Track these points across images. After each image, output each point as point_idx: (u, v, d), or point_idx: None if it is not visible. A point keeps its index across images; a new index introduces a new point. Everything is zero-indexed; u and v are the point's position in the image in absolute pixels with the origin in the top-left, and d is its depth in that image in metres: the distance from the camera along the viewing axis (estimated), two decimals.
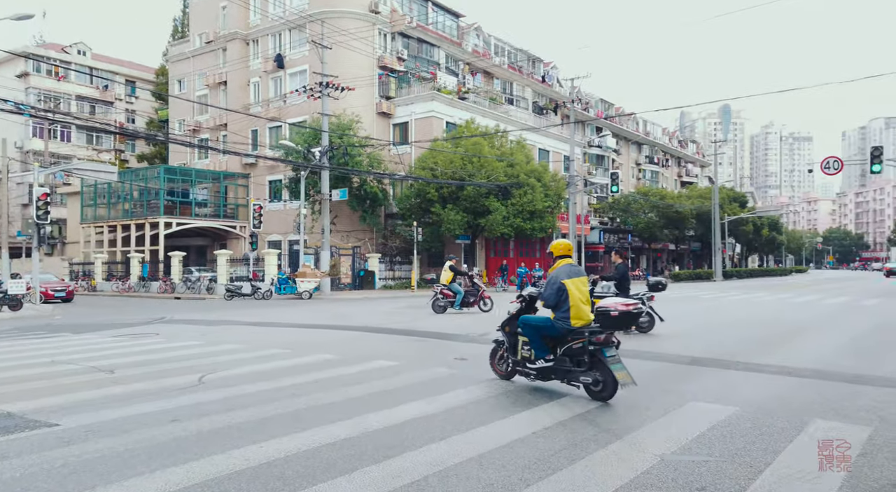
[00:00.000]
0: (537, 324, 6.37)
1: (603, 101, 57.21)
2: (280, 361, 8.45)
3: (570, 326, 6.07)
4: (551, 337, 6.28)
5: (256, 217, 28.81)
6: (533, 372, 6.36)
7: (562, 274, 6.25)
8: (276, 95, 37.71)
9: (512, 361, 6.72)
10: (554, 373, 6.23)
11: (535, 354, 6.31)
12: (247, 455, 4.30)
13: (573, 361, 6.09)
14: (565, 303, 6.11)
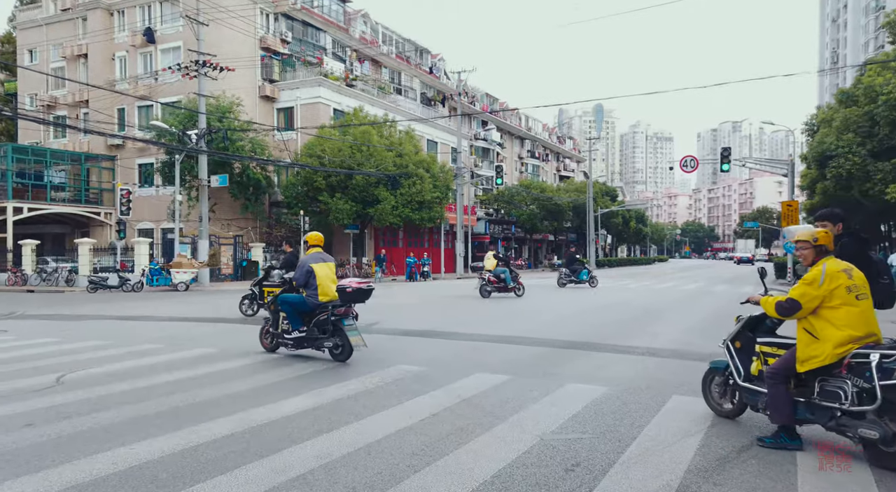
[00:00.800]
0: (293, 301, 7.73)
1: (488, 96, 58.73)
2: (153, 357, 7.91)
3: (318, 301, 7.58)
4: (304, 311, 7.74)
5: (124, 203, 26.59)
6: (290, 342, 7.77)
7: (310, 259, 7.70)
8: (146, 72, 34.89)
9: (273, 333, 8.02)
10: (306, 341, 7.67)
11: (292, 326, 7.72)
12: (115, 459, 4.00)
13: (320, 331, 7.55)
14: (313, 283, 7.58)
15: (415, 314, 13.53)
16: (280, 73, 34.89)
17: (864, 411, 3.84)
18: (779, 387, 4.24)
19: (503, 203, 51.29)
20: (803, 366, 4.13)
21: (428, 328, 10.77)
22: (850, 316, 4.02)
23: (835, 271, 4.11)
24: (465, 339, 9.52)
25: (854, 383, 3.90)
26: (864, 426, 3.84)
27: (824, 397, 4.06)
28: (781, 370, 4.26)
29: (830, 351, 4.00)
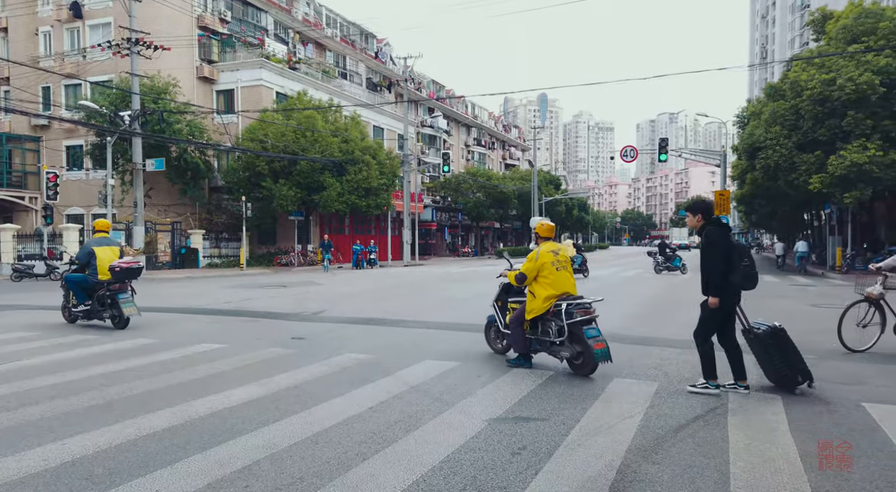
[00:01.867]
0: (76, 279, 9.43)
1: (435, 83, 58.50)
2: (86, 348, 7.56)
3: (97, 279, 9.22)
4: (87, 288, 9.38)
5: (51, 187, 25.16)
6: (80, 314, 9.46)
7: (93, 243, 9.42)
8: (73, 49, 32.93)
9: (65, 307, 9.72)
10: (91, 313, 9.32)
11: (78, 300, 9.47)
12: (45, 455, 3.81)
13: (100, 304, 9.25)
14: (94, 263, 9.23)
15: (360, 302, 13.43)
16: (219, 53, 33.63)
17: (562, 340, 6.10)
18: (517, 329, 6.47)
19: (450, 191, 51.42)
20: (529, 315, 6.29)
21: (376, 316, 10.72)
22: (553, 281, 6.20)
23: (545, 252, 6.30)
24: (413, 326, 9.53)
25: (556, 324, 6.13)
26: (563, 350, 6.19)
27: (543, 334, 6.31)
28: (517, 318, 6.47)
29: (541, 304, 6.17)
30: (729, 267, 5.19)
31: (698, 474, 3.54)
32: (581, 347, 6.11)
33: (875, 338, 7.42)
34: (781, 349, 5.42)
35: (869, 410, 4.87)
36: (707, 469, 3.62)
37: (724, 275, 5.19)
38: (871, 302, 7.47)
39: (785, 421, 4.54)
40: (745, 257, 5.28)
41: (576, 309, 6.10)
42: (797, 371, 5.37)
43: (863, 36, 22.50)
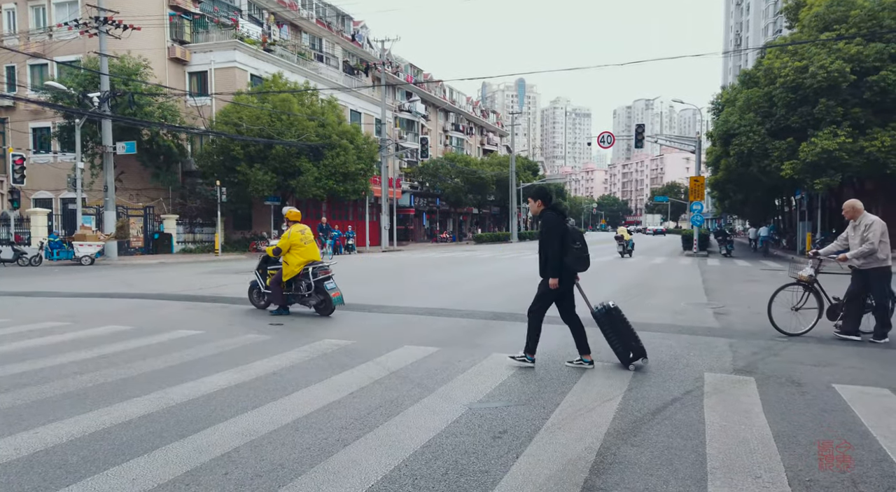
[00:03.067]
0: None
1: (413, 67, 57.96)
2: (58, 336, 7.39)
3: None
4: None
5: (17, 170, 24.39)
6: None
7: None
8: (39, 28, 31.85)
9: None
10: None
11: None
12: (17, 444, 3.72)
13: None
14: None
15: (340, 288, 13.33)
16: (191, 34, 32.83)
17: (310, 293, 8.91)
18: (276, 288, 9.04)
19: (428, 176, 51.24)
20: (286, 277, 8.95)
21: (353, 302, 10.66)
22: (303, 252, 8.91)
23: (295, 232, 8.96)
24: (392, 311, 9.51)
25: (306, 282, 8.91)
26: (311, 300, 8.94)
27: (296, 290, 9.05)
28: (276, 280, 9.03)
29: (294, 268, 8.89)
30: (563, 250, 5.59)
31: (676, 456, 3.60)
32: (323, 296, 8.94)
33: (812, 322, 7.41)
34: (615, 327, 5.83)
35: (839, 391, 5.00)
36: (684, 451, 3.69)
37: (560, 257, 5.59)
38: (805, 286, 7.47)
39: (759, 403, 4.64)
40: (577, 241, 5.66)
41: (319, 270, 8.94)
42: (629, 348, 5.78)
43: (835, 24, 22.82)
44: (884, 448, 3.73)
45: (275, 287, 9.07)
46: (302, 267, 8.88)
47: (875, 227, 7.06)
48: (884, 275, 7.11)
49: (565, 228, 5.68)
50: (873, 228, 7.05)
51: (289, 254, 8.89)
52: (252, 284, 9.77)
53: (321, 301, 8.91)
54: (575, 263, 5.68)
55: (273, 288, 9.10)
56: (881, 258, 7.05)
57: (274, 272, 9.20)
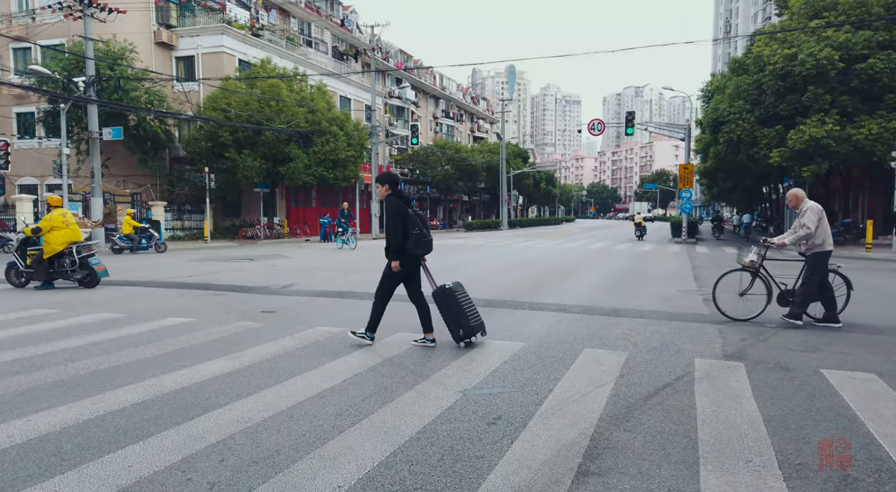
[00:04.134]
0: None
1: (403, 53, 57.52)
2: (47, 323, 7.33)
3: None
4: None
5: (2, 156, 24.01)
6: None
7: None
8: (21, 10, 31.20)
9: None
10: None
11: None
12: (10, 432, 3.70)
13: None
14: None
15: (332, 275, 13.33)
16: (178, 18, 32.32)
17: (75, 268, 10.59)
18: (39, 265, 10.36)
19: (418, 163, 51.07)
20: (46, 255, 10.30)
21: (346, 289, 10.66)
22: (64, 233, 10.37)
23: (56, 215, 10.48)
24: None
25: (70, 259, 10.45)
26: (76, 274, 10.60)
27: (60, 267, 10.62)
28: (38, 258, 10.40)
29: (56, 247, 10.35)
30: (404, 234, 5.88)
31: (668, 441, 3.65)
32: (88, 271, 10.66)
33: (761, 308, 7.48)
34: (448, 306, 6.12)
35: (827, 376, 5.08)
36: (676, 436, 3.74)
37: (400, 241, 5.87)
38: (751, 272, 7.51)
39: (749, 388, 4.70)
40: (416, 226, 5.92)
41: (83, 249, 10.75)
42: (459, 326, 6.07)
43: (824, 11, 22.87)
44: (871, 432, 3.80)
45: (37, 265, 10.48)
46: (64, 246, 10.54)
47: (809, 212, 7.12)
48: (819, 258, 7.17)
49: (406, 214, 5.92)
50: (808, 214, 7.12)
51: (49, 234, 10.43)
52: (9, 265, 10.91)
53: (86, 275, 10.72)
54: (415, 248, 5.95)
55: (35, 266, 10.49)
56: (817, 243, 7.14)
57: (35, 252, 10.53)
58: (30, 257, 10.53)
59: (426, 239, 5.99)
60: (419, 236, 5.92)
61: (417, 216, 6.02)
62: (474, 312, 6.25)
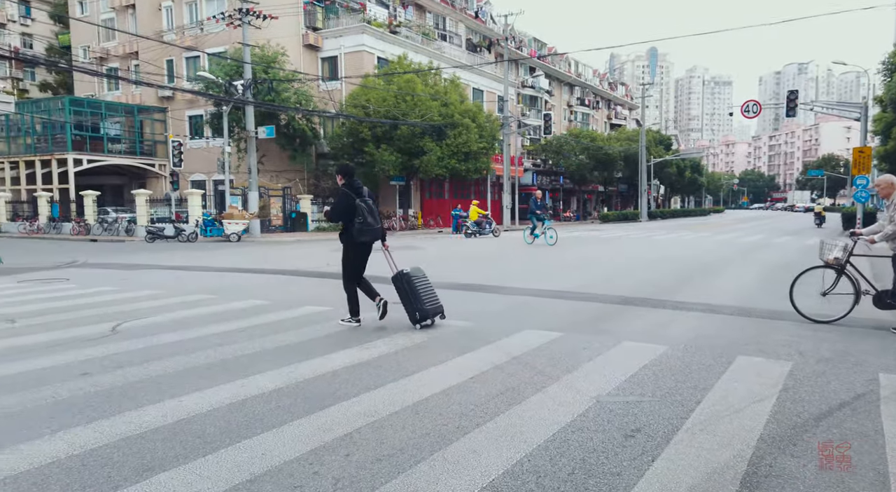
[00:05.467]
0: None
1: (536, 41, 56.54)
2: (204, 308, 8.01)
3: None
4: None
5: (176, 155, 27.09)
6: None
7: None
8: (191, 22, 34.88)
9: None
10: None
11: None
12: (164, 411, 3.98)
13: None
14: None
15: (460, 267, 13.36)
16: (323, 20, 34.28)
17: None
18: None
19: (551, 153, 50.02)
20: None
21: (473, 282, 10.58)
22: None
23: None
24: (513, 293, 9.28)
25: None
26: None
27: None
28: None
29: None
30: (350, 223, 6.51)
31: (849, 473, 3.07)
32: None
33: (847, 308, 6.68)
34: (403, 291, 6.61)
35: None
36: (859, 468, 3.13)
37: (346, 228, 6.57)
38: (835, 269, 6.80)
39: None
40: (361, 215, 6.45)
41: None
42: (415, 309, 6.48)
43: None
44: None
45: None
46: None
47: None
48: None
49: (354, 205, 6.48)
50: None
51: None
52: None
53: None
54: (359, 235, 6.54)
55: None
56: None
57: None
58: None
59: (371, 228, 6.53)
60: (362, 224, 6.47)
61: (366, 206, 6.53)
62: (432, 296, 6.69)
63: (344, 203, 6.53)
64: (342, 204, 6.55)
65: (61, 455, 3.29)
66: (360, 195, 6.61)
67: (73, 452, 3.34)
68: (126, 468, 3.15)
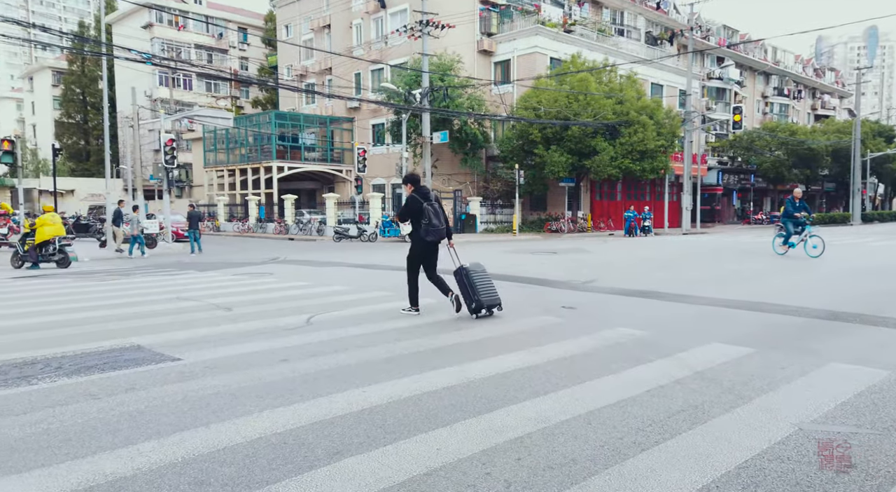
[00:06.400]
0: None
1: (726, 28, 52.04)
2: (383, 304, 8.55)
3: None
4: None
5: (361, 161, 29.36)
6: None
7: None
8: (377, 37, 37.57)
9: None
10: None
11: None
12: (350, 399, 4.30)
13: None
14: None
15: (633, 272, 12.72)
16: (497, 25, 34.88)
17: (52, 254, 14.72)
18: (32, 251, 14.55)
19: (740, 149, 45.63)
20: (37, 240, 14.45)
21: (649, 288, 10.00)
22: (50, 229, 14.45)
23: (46, 216, 14.65)
24: (696, 302, 8.59)
25: (53, 247, 14.73)
26: (54, 257, 14.67)
27: (43, 252, 14.60)
28: (32, 246, 14.59)
29: (44, 236, 14.43)
30: (418, 224, 7.34)
31: None
32: (63, 255, 14.56)
33: None
34: (461, 284, 7.35)
35: None
36: None
37: (415, 229, 7.42)
38: None
39: None
40: (427, 217, 7.26)
41: (62, 240, 14.72)
42: (471, 300, 7.23)
43: None
44: None
45: (31, 251, 14.58)
46: (50, 236, 14.51)
47: None
48: None
49: (421, 208, 7.30)
50: None
51: (41, 228, 14.40)
52: (14, 253, 15.17)
53: (62, 259, 14.65)
54: (426, 235, 7.35)
55: (30, 252, 14.59)
56: None
57: (31, 242, 14.52)
58: (27, 245, 14.59)
59: (436, 228, 7.31)
60: (428, 225, 7.27)
61: (432, 209, 7.32)
62: (489, 290, 7.40)
63: (413, 206, 7.31)
64: (411, 207, 7.32)
65: (267, 432, 3.71)
66: (428, 200, 7.36)
67: (276, 430, 3.74)
68: (319, 450, 3.45)
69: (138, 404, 4.22)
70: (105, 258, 18.32)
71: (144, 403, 4.25)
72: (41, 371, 5.05)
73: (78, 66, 57.66)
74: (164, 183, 23.85)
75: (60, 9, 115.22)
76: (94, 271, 14.17)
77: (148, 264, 16.22)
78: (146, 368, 5.16)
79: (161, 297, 9.46)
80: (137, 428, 3.77)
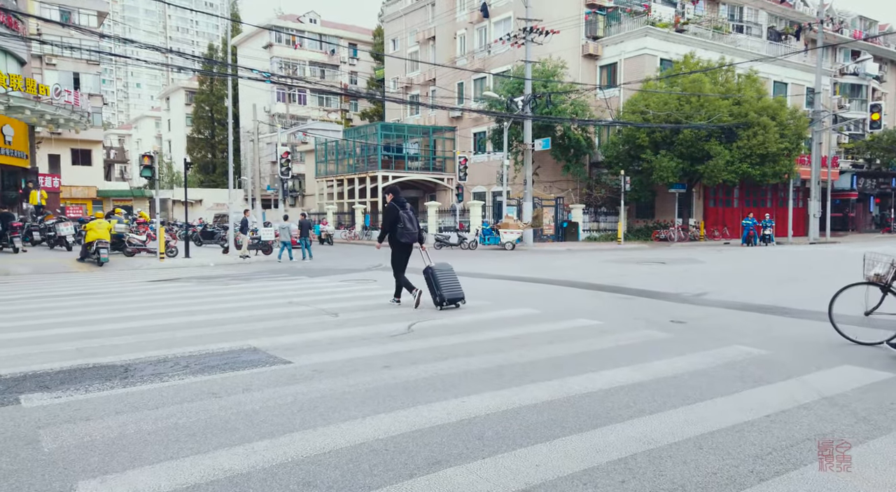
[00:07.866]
0: None
1: (863, 19, 47.46)
2: (482, 314, 8.56)
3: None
4: None
5: (462, 169, 29.67)
6: None
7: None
8: (480, 47, 37.89)
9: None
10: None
11: None
12: (448, 409, 4.33)
13: None
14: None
15: (751, 284, 11.86)
16: (604, 28, 34.05)
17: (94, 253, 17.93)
18: (84, 248, 18.53)
19: (879, 151, 41.36)
20: (87, 239, 18.08)
21: (771, 303, 9.28)
22: (97, 232, 17.60)
23: (95, 222, 18.02)
24: (825, 319, 7.84)
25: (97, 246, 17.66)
26: (96, 255, 17.66)
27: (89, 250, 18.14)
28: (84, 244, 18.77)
29: (92, 237, 17.64)
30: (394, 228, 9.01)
31: None
32: (98, 255, 17.43)
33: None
34: (428, 280, 8.91)
35: None
36: None
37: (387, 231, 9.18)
38: (880, 287, 6.04)
39: None
40: (401, 222, 8.93)
41: (100, 243, 17.43)
42: (436, 295, 8.77)
43: None
44: None
45: (83, 248, 18.22)
46: (92, 239, 17.46)
47: None
48: None
49: (398, 214, 8.91)
50: None
51: (90, 231, 17.53)
52: (82, 248, 18.54)
53: (96, 259, 17.43)
54: (400, 237, 8.98)
55: (83, 249, 18.23)
56: None
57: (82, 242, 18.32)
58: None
59: (409, 232, 8.93)
60: (402, 229, 8.89)
61: (407, 216, 8.93)
62: (453, 285, 8.85)
63: (392, 212, 8.88)
64: (392, 213, 8.88)
65: (369, 438, 3.81)
66: (403, 208, 8.95)
67: (377, 436, 3.84)
68: (419, 458, 3.50)
69: (253, 404, 4.49)
70: (227, 263, 19.78)
71: (259, 403, 4.52)
72: (171, 369, 5.52)
73: (207, 86, 62.95)
74: (279, 193, 25.41)
75: (193, 34, 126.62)
76: (217, 276, 15.35)
77: (264, 270, 17.32)
78: (260, 369, 5.49)
79: (274, 301, 10.05)
80: (252, 427, 4.02)
